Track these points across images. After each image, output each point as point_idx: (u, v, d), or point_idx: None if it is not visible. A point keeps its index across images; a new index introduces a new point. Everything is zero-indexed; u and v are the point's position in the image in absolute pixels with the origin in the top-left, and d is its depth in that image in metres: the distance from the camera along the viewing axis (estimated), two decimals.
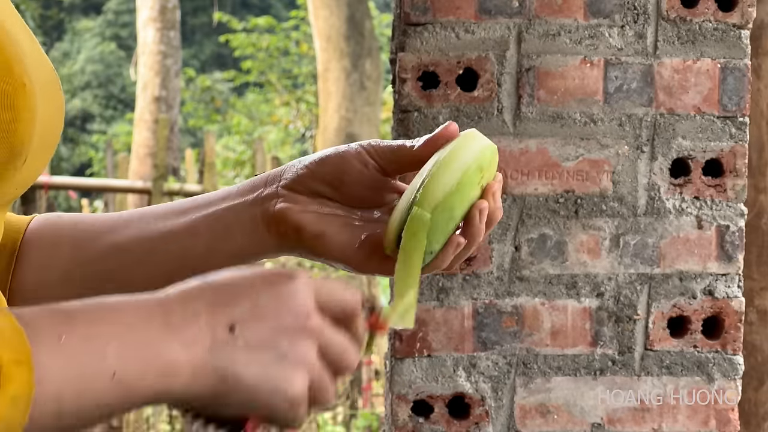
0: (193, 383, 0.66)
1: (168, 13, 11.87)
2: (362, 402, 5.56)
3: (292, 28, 15.24)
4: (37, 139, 0.73)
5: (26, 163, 0.72)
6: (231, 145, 15.87)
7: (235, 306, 0.68)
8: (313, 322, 0.68)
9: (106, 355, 0.63)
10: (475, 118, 1.46)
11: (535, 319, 1.47)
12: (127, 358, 0.64)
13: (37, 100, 0.71)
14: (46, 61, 0.79)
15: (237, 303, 0.68)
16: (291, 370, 0.67)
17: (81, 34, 27.14)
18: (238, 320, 0.67)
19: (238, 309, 0.67)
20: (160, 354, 0.65)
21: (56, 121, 0.79)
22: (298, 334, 0.68)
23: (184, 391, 0.66)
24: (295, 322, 0.68)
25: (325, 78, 8.95)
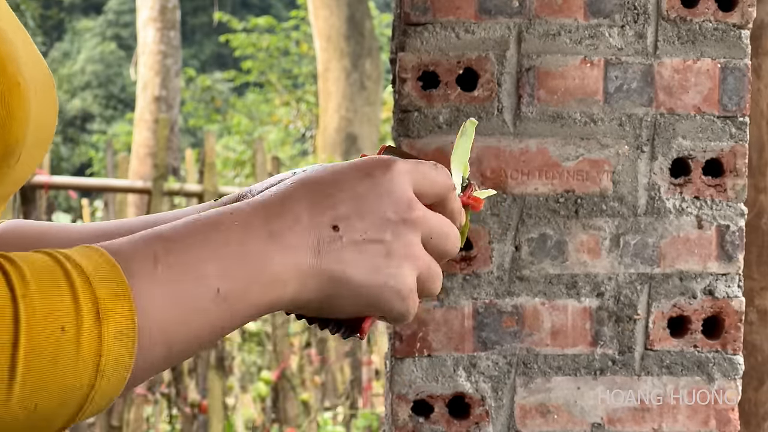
0: (303, 289, 0.65)
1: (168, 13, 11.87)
2: (362, 402, 5.56)
3: (292, 28, 15.24)
4: (31, 137, 0.73)
5: (20, 161, 0.72)
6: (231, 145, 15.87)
7: (336, 203, 0.66)
8: (415, 212, 0.67)
9: (207, 275, 0.61)
10: (475, 118, 1.46)
11: (535, 318, 1.47)
12: (230, 275, 0.62)
13: (31, 98, 0.71)
14: (41, 59, 0.79)
15: (337, 200, 0.66)
16: (399, 263, 0.66)
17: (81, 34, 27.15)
18: (341, 218, 0.66)
19: (339, 207, 0.66)
20: (264, 264, 0.63)
21: (50, 119, 0.79)
22: (402, 226, 0.67)
23: (295, 298, 0.65)
24: (398, 213, 0.66)
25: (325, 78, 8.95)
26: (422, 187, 0.69)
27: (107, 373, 0.57)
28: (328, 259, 0.65)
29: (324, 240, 0.65)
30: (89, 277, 0.58)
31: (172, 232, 0.63)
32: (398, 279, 0.66)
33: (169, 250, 0.62)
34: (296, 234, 0.65)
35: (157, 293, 0.60)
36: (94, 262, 0.59)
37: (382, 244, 0.66)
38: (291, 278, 0.64)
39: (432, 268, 0.69)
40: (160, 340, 0.60)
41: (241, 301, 0.63)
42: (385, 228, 0.66)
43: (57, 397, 0.56)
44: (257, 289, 0.63)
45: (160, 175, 5.04)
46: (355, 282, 0.66)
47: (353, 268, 0.65)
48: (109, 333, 0.57)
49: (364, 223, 0.66)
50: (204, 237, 0.63)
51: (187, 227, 0.64)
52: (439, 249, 0.69)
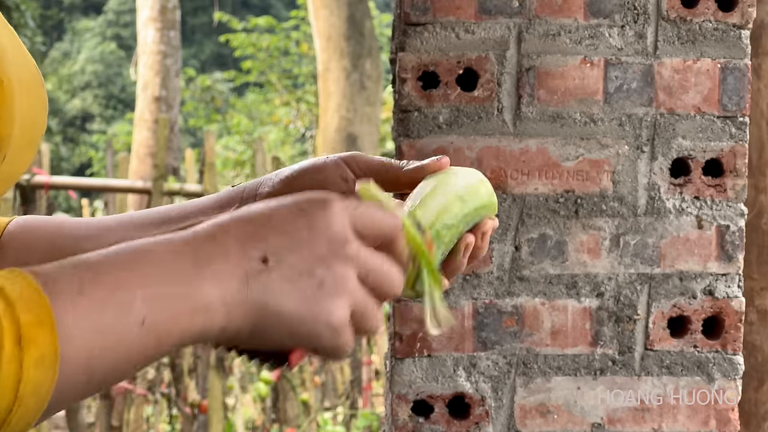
0: (230, 320, 0.64)
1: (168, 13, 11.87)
2: (362, 402, 5.56)
3: (292, 28, 15.24)
4: (18, 135, 0.73)
5: (7, 160, 0.72)
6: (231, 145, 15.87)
7: (268, 237, 0.65)
8: (350, 248, 0.66)
9: (133, 303, 0.61)
10: (475, 118, 1.46)
11: (535, 319, 1.47)
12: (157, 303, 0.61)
13: (16, 96, 0.71)
14: (28, 58, 0.78)
15: (269, 234, 0.65)
16: (331, 297, 0.65)
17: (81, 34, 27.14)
18: (272, 251, 0.65)
19: (271, 240, 0.65)
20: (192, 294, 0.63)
21: (39, 117, 0.78)
22: (335, 261, 0.65)
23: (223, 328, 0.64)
24: (331, 249, 0.65)
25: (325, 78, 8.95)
26: (363, 228, 0.67)
27: (26, 399, 0.57)
28: (256, 290, 0.64)
29: (252, 271, 0.64)
30: (13, 302, 0.57)
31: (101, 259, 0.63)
32: (330, 312, 0.65)
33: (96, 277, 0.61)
34: (225, 264, 0.64)
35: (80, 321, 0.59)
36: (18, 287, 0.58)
37: (312, 278, 0.65)
38: (218, 308, 0.63)
39: (367, 304, 0.67)
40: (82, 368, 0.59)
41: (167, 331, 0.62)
42: (318, 262, 0.65)
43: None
44: (183, 319, 0.62)
45: (160, 175, 5.04)
46: (284, 313, 0.65)
47: (282, 299, 0.64)
48: (30, 359, 0.57)
49: (295, 256, 0.65)
50: (132, 266, 0.62)
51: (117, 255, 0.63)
52: (377, 286, 0.68)
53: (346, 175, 0.84)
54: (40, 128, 0.79)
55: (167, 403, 5.13)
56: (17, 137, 0.72)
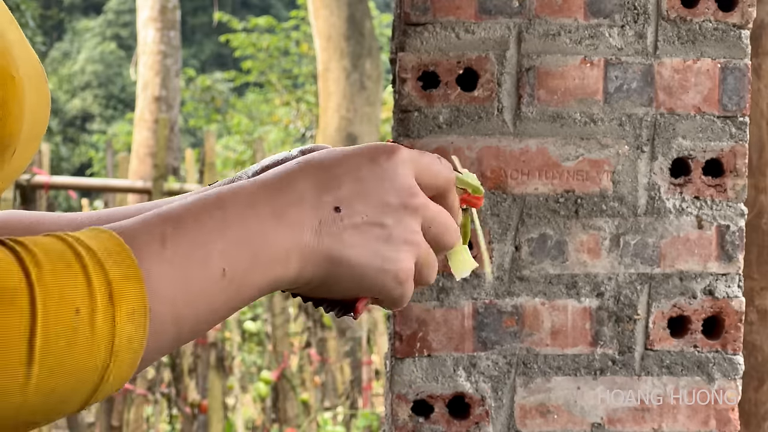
0: (304, 268, 0.66)
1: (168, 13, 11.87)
2: (362, 402, 5.56)
3: (292, 28, 15.24)
4: (26, 131, 0.73)
5: (15, 155, 0.72)
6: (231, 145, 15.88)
7: (339, 186, 0.67)
8: (417, 199, 0.68)
9: (212, 256, 0.62)
10: (475, 118, 1.46)
11: (535, 318, 1.47)
12: (235, 254, 0.63)
13: (26, 92, 0.71)
14: (32, 53, 0.79)
15: (341, 183, 0.67)
16: (398, 248, 0.67)
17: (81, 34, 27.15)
18: (343, 200, 0.66)
19: (343, 189, 0.67)
20: (267, 244, 0.64)
21: (43, 113, 0.79)
22: (402, 211, 0.67)
23: (296, 277, 0.66)
24: (399, 199, 0.67)
25: (325, 78, 8.95)
26: (424, 178, 0.69)
27: (121, 353, 0.58)
28: (329, 240, 0.66)
29: (326, 220, 0.66)
30: (101, 259, 0.58)
31: (178, 212, 0.64)
32: (397, 263, 0.67)
33: (177, 230, 0.62)
34: (299, 213, 0.66)
35: (166, 274, 0.60)
36: (104, 244, 0.59)
37: (382, 228, 0.67)
38: (293, 258, 0.65)
39: (430, 256, 0.70)
40: (169, 320, 0.61)
41: (245, 281, 0.64)
42: (386, 212, 0.67)
43: (73, 379, 0.57)
44: (261, 269, 0.64)
45: (160, 175, 5.04)
46: (354, 263, 0.67)
47: (353, 250, 0.66)
48: (122, 314, 0.58)
49: (365, 206, 0.67)
50: (209, 217, 0.64)
51: (194, 207, 0.65)
52: (438, 239, 0.70)
53: None
54: (44, 124, 0.80)
55: (167, 403, 5.14)
56: (25, 133, 0.73)
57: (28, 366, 0.55)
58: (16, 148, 0.72)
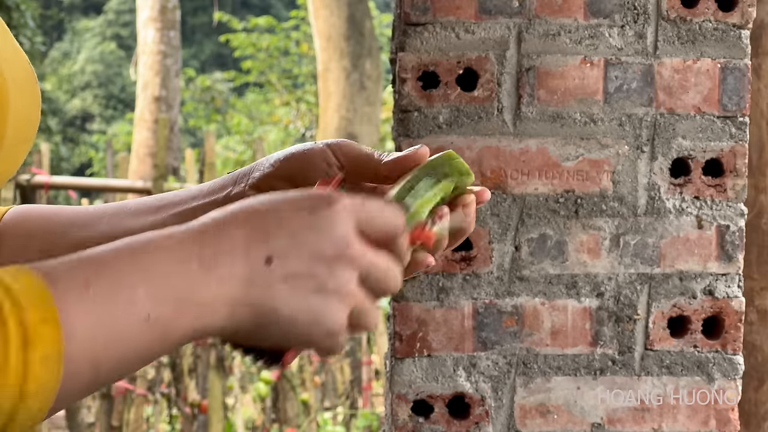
0: (231, 319, 0.65)
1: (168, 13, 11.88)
2: (362, 402, 5.56)
3: (292, 28, 15.24)
4: (12, 133, 0.72)
5: (1, 156, 0.72)
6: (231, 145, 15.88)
7: (272, 236, 0.65)
8: (353, 249, 0.66)
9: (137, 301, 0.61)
10: (475, 118, 1.46)
11: (535, 319, 1.47)
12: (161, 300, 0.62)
13: (11, 95, 0.71)
14: (21, 55, 0.78)
15: (274, 233, 0.66)
16: (330, 300, 0.66)
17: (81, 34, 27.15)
18: (275, 251, 0.65)
19: (275, 239, 0.65)
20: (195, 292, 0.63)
21: (32, 114, 0.78)
22: (337, 264, 0.66)
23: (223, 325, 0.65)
24: (335, 250, 0.66)
25: (325, 78, 8.95)
26: (367, 226, 0.68)
27: (31, 397, 0.57)
28: (258, 292, 0.65)
29: (256, 272, 0.65)
30: (18, 299, 0.57)
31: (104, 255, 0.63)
32: (328, 316, 0.66)
33: (101, 273, 0.61)
34: (229, 264, 0.64)
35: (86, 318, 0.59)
36: (23, 284, 0.58)
37: (314, 280, 0.65)
38: (221, 307, 0.64)
39: (365, 305, 0.68)
40: (86, 364, 0.60)
41: (170, 327, 0.63)
42: (320, 264, 0.65)
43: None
44: (187, 316, 0.63)
45: (160, 175, 5.04)
46: (283, 316, 0.65)
47: (283, 302, 0.65)
48: (35, 358, 0.57)
49: (298, 258, 0.65)
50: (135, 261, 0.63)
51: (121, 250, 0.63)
52: (377, 286, 0.69)
53: (330, 160, 0.84)
54: (34, 125, 0.79)
55: (167, 403, 5.13)
56: (10, 136, 0.72)
57: None
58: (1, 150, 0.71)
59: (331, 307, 0.66)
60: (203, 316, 0.63)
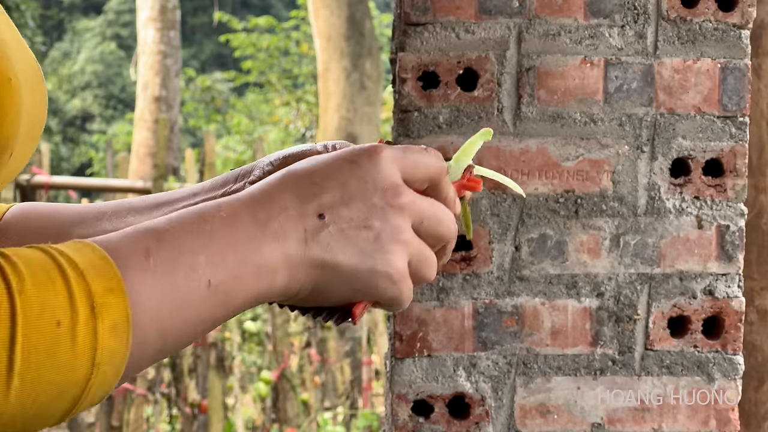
0: (292, 278, 0.65)
1: (168, 13, 11.88)
2: (362, 402, 5.56)
3: (292, 28, 15.24)
4: (23, 132, 0.73)
5: (13, 156, 0.72)
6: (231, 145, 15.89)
7: (322, 192, 0.66)
8: (403, 197, 0.67)
9: (197, 267, 0.62)
10: (475, 118, 1.46)
11: (535, 318, 1.47)
12: (220, 266, 0.62)
13: (23, 94, 0.71)
14: (29, 53, 0.78)
15: (323, 189, 0.66)
16: (387, 248, 0.66)
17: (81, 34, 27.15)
18: (327, 206, 0.66)
19: (325, 195, 0.66)
20: (253, 254, 0.64)
21: (40, 113, 0.79)
22: (389, 211, 0.66)
23: (286, 287, 0.65)
24: (384, 199, 0.66)
25: (325, 78, 8.95)
26: (411, 173, 0.69)
27: (103, 366, 0.58)
28: (315, 247, 0.65)
29: (311, 228, 0.65)
30: (83, 271, 0.58)
31: (163, 225, 0.64)
32: (388, 263, 0.66)
33: (161, 243, 0.62)
34: (283, 224, 0.65)
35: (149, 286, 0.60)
36: (87, 256, 0.59)
37: (369, 230, 0.66)
38: (280, 267, 0.65)
39: (424, 253, 0.69)
40: (154, 332, 0.60)
41: (232, 292, 0.63)
42: (372, 214, 0.66)
43: (54, 390, 0.57)
44: (247, 280, 0.64)
45: (160, 175, 5.04)
46: (343, 268, 0.66)
47: (341, 255, 0.66)
48: (104, 327, 0.57)
49: (350, 210, 0.66)
50: (194, 229, 0.63)
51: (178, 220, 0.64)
52: (432, 233, 0.69)
53: None
54: (41, 124, 0.80)
55: (167, 403, 5.14)
56: (23, 134, 0.73)
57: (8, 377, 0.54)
58: (13, 150, 0.72)
59: (389, 255, 0.66)
60: (264, 278, 0.64)
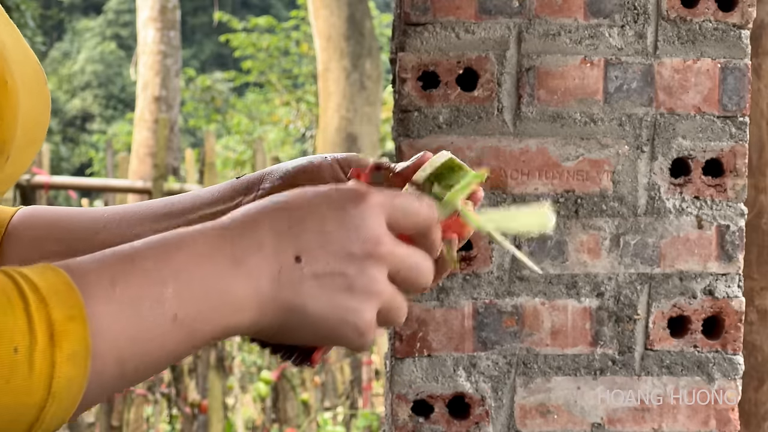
0: (260, 317, 0.64)
1: (168, 12, 11.87)
2: (362, 402, 5.56)
3: (292, 28, 15.24)
4: (21, 135, 0.72)
5: (10, 160, 0.72)
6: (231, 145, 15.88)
7: (301, 233, 0.65)
8: (384, 247, 0.66)
9: (164, 300, 0.60)
10: (475, 118, 1.46)
11: (535, 318, 1.47)
12: (189, 300, 0.61)
13: (20, 97, 0.70)
14: (31, 55, 0.78)
15: (303, 229, 0.65)
16: (360, 299, 0.65)
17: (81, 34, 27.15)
18: (305, 249, 0.64)
19: (305, 235, 0.65)
20: (224, 291, 0.62)
21: (42, 116, 0.78)
22: (367, 262, 0.65)
23: (252, 324, 0.64)
24: (364, 249, 0.65)
25: (325, 78, 8.95)
26: (397, 220, 0.67)
27: (59, 394, 0.57)
28: (287, 290, 0.64)
29: (285, 269, 0.64)
30: (45, 297, 0.57)
31: (133, 252, 0.62)
32: (357, 314, 0.65)
33: (128, 271, 0.61)
34: (258, 261, 0.64)
35: (113, 316, 0.59)
36: (50, 281, 0.58)
37: (344, 278, 0.65)
38: (250, 306, 0.63)
39: (395, 302, 0.68)
40: (113, 363, 0.59)
41: (197, 327, 0.62)
42: (349, 262, 0.65)
43: (8, 415, 0.56)
44: (215, 316, 0.62)
45: (160, 175, 5.04)
46: (312, 315, 0.65)
47: (312, 301, 0.65)
48: (63, 355, 0.56)
49: (327, 255, 0.65)
50: (165, 259, 0.62)
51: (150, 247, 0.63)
52: (408, 282, 0.68)
53: (339, 175, 0.84)
54: (43, 128, 0.79)
55: (167, 403, 5.13)
56: (20, 138, 0.72)
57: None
58: (10, 154, 0.71)
59: (360, 306, 0.65)
60: (232, 315, 0.63)
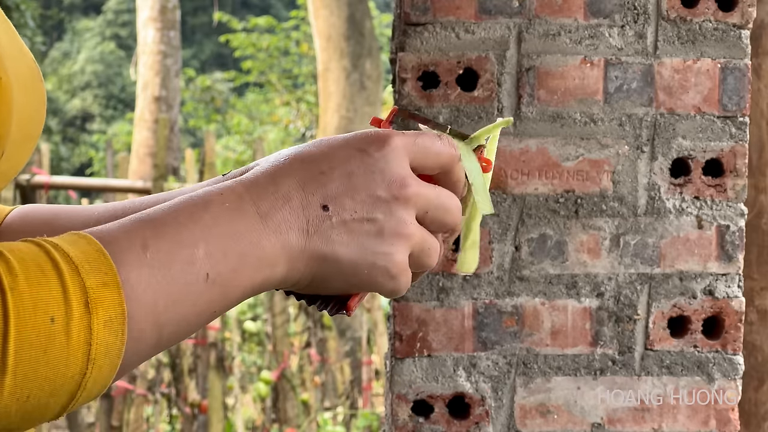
0: (292, 270, 0.64)
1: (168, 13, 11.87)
2: (362, 402, 5.56)
3: (292, 28, 15.24)
4: (16, 132, 0.72)
5: (5, 156, 0.72)
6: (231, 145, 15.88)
7: (327, 182, 0.65)
8: (409, 189, 0.66)
9: (196, 260, 0.60)
10: (475, 118, 1.46)
11: (535, 319, 1.47)
12: (220, 258, 0.61)
13: (14, 93, 0.70)
14: (26, 52, 0.78)
15: (329, 178, 0.65)
16: (389, 242, 0.65)
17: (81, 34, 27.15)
18: (331, 197, 0.64)
19: (331, 185, 0.65)
20: (254, 247, 0.62)
21: (37, 113, 0.78)
22: (394, 204, 0.65)
23: (284, 278, 0.65)
24: (390, 192, 0.65)
25: (325, 78, 8.94)
26: (421, 161, 0.67)
27: (98, 361, 0.57)
28: (317, 240, 0.64)
29: (313, 220, 0.64)
30: (77, 265, 0.57)
31: (161, 215, 0.62)
32: (389, 258, 0.66)
33: (158, 234, 0.61)
34: (286, 214, 0.64)
35: (146, 279, 0.59)
36: (82, 249, 0.58)
37: (372, 223, 0.65)
38: (280, 259, 0.64)
39: (426, 243, 0.68)
40: (150, 326, 0.60)
41: (230, 284, 0.62)
42: (377, 206, 0.65)
43: (49, 386, 0.56)
44: (246, 272, 0.63)
45: (160, 175, 5.04)
46: (343, 262, 0.65)
47: (342, 248, 0.65)
48: (99, 321, 0.57)
49: (354, 202, 0.65)
50: (193, 219, 0.62)
51: (177, 209, 0.63)
52: (437, 222, 0.68)
53: None
54: (39, 124, 0.79)
55: (167, 403, 5.13)
56: (14, 134, 0.72)
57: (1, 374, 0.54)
58: (5, 150, 0.71)
59: (390, 249, 0.65)
60: (263, 270, 0.63)
